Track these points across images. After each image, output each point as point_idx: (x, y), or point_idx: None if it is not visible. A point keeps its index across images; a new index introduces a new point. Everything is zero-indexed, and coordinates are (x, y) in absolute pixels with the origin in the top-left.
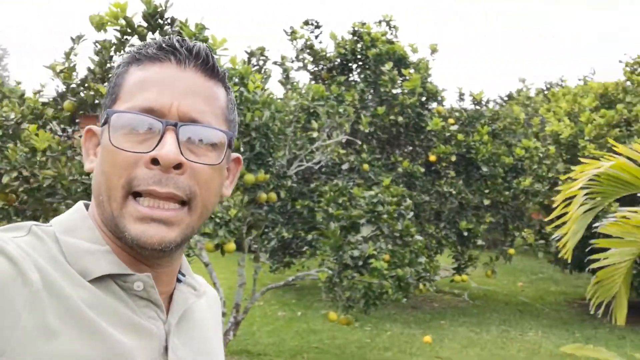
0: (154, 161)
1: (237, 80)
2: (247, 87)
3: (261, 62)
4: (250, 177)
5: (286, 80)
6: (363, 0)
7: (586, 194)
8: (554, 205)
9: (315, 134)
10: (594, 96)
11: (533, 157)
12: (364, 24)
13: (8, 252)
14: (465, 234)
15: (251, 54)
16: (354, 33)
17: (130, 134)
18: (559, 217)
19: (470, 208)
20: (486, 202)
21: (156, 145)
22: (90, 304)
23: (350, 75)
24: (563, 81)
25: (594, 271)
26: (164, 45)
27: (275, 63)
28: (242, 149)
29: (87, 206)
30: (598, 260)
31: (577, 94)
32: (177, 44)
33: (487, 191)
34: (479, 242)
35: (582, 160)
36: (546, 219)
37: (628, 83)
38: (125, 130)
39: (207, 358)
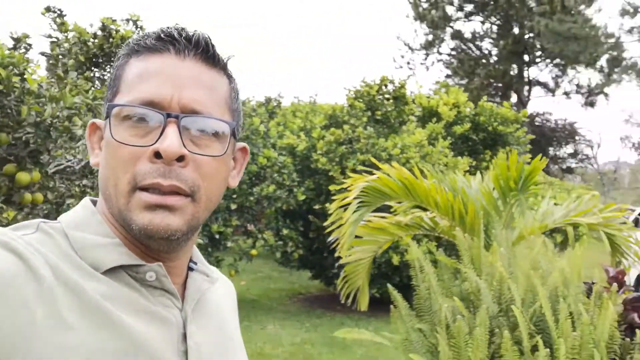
0: (157, 154)
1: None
2: (27, 78)
3: (22, 50)
4: (25, 177)
5: (52, 74)
6: None
7: (358, 203)
8: (330, 212)
9: (79, 131)
10: (324, 116)
11: (274, 167)
12: (114, 20)
13: (17, 250)
14: (217, 236)
15: (17, 40)
16: (103, 29)
17: (132, 127)
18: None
19: (220, 212)
20: (233, 206)
21: (158, 138)
22: (105, 295)
23: (97, 71)
24: (281, 97)
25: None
26: (162, 35)
27: (43, 54)
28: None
29: (94, 202)
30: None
31: (309, 112)
32: (175, 34)
33: (234, 196)
34: (229, 244)
35: (350, 174)
36: (324, 224)
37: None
38: (126, 123)
39: (225, 343)
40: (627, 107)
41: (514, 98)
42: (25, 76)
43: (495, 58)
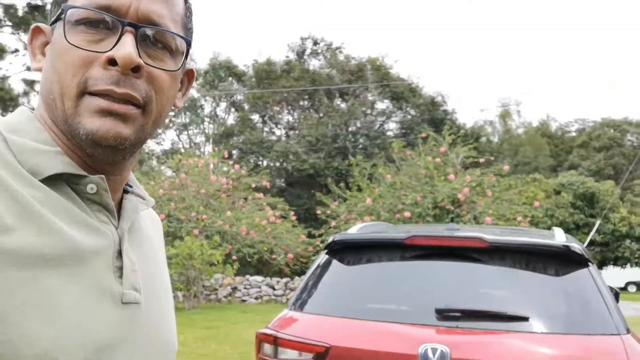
0: (112, 62)
1: None
2: None
3: None
4: None
5: None
6: None
7: None
8: None
9: None
10: None
11: None
12: None
13: None
14: None
15: None
16: None
17: (86, 32)
18: None
19: None
20: None
21: (114, 46)
22: (43, 202)
23: None
24: None
25: None
26: None
27: None
28: None
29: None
30: None
31: None
32: None
33: None
34: None
35: None
36: None
37: None
38: (80, 27)
39: (155, 267)
40: None
41: None
42: None
43: None
